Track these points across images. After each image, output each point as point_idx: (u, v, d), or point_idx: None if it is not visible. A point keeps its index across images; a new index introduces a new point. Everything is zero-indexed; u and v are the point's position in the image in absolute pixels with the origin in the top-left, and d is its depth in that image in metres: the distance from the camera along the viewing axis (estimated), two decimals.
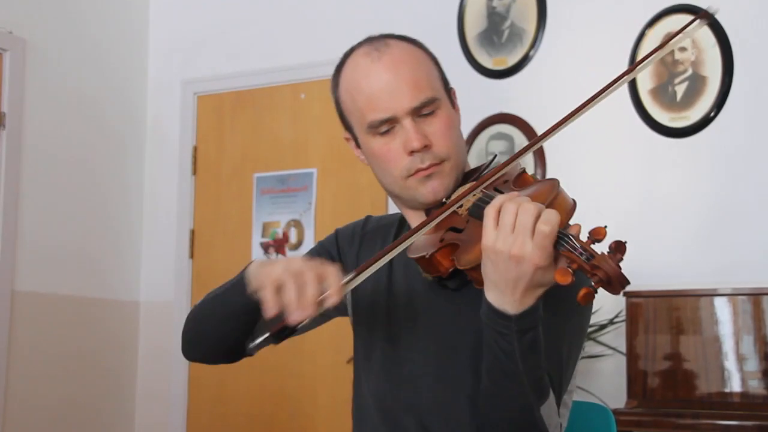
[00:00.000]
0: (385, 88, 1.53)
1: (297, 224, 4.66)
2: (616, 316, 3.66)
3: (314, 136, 4.66)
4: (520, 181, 1.51)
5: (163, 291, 4.91)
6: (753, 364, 3.38)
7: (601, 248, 1.24)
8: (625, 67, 3.93)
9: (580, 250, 1.24)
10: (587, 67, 3.98)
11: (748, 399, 3.35)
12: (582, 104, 1.48)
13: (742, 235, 3.70)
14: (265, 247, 4.72)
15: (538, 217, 1.27)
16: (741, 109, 3.74)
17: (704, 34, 3.80)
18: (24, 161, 4.44)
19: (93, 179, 4.79)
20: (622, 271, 1.20)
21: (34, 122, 4.49)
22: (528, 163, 4.01)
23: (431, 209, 1.59)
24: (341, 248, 1.74)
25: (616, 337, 3.69)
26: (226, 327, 1.59)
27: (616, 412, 3.10)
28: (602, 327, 3.67)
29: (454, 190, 1.57)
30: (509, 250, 1.27)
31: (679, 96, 3.84)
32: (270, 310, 1.31)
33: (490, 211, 1.31)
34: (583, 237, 1.26)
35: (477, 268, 1.36)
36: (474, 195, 1.46)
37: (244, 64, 4.85)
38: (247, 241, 4.76)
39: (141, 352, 4.95)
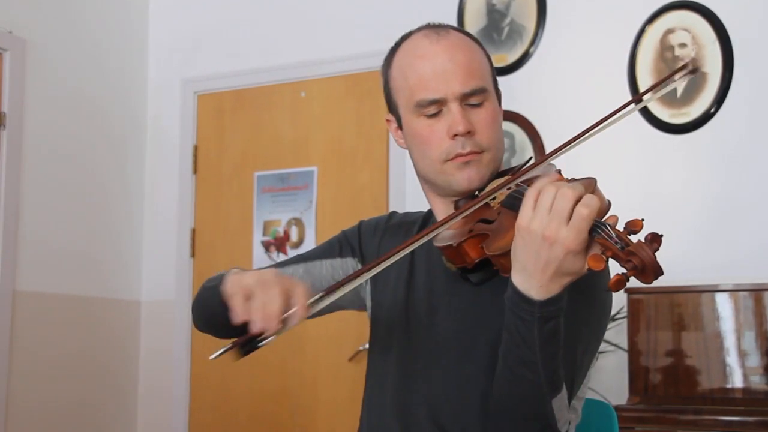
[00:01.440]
0: (439, 69, 1.55)
1: (298, 222, 4.66)
2: (618, 313, 3.66)
3: (315, 135, 4.66)
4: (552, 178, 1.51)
5: (165, 290, 4.91)
6: (754, 360, 3.39)
7: (638, 239, 1.25)
8: (624, 66, 3.94)
9: (616, 238, 1.24)
10: (587, 63, 3.98)
11: (749, 395, 3.35)
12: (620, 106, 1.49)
13: (743, 231, 3.70)
14: (266, 246, 4.72)
15: (577, 201, 1.27)
16: (741, 105, 3.74)
17: (704, 30, 3.80)
18: (24, 161, 4.44)
19: (93, 179, 4.79)
20: (658, 261, 1.21)
21: (34, 122, 4.49)
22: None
23: (460, 202, 1.59)
24: (363, 239, 1.75)
25: (618, 333, 3.69)
26: (214, 318, 1.60)
27: (618, 408, 3.10)
28: None
29: (487, 184, 1.57)
30: (543, 231, 1.27)
31: (679, 92, 3.84)
32: (237, 316, 1.33)
33: (530, 192, 1.31)
34: (620, 228, 1.27)
35: (506, 254, 1.36)
36: (508, 188, 1.47)
37: (244, 63, 4.85)
38: (248, 239, 4.76)
39: (142, 351, 4.95)
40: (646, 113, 3.88)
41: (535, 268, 1.30)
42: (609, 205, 1.36)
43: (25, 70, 4.47)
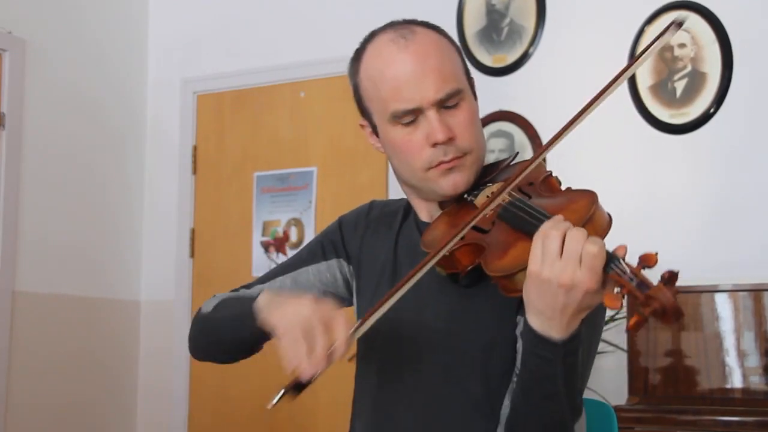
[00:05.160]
0: (411, 78, 1.49)
1: (297, 223, 4.66)
2: (617, 313, 3.66)
3: (314, 135, 4.66)
4: (547, 185, 1.48)
5: (164, 290, 4.91)
6: (754, 360, 3.38)
7: (651, 275, 1.22)
8: (624, 64, 3.93)
9: (630, 275, 1.21)
10: (587, 64, 3.98)
11: (749, 395, 3.35)
12: (597, 95, 1.43)
13: (743, 231, 3.70)
14: (266, 246, 4.72)
15: (584, 242, 1.23)
16: (741, 105, 3.74)
17: (703, 30, 3.80)
18: (24, 161, 4.44)
19: (93, 179, 4.79)
20: (678, 303, 1.18)
21: (34, 122, 4.49)
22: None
23: (446, 203, 1.56)
24: (345, 236, 1.70)
25: (617, 333, 3.69)
26: (234, 347, 1.59)
27: (617, 408, 3.10)
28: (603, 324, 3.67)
29: (474, 184, 1.54)
30: (558, 279, 1.24)
31: (678, 92, 3.84)
32: (289, 366, 1.30)
33: (538, 239, 1.27)
34: (632, 261, 1.24)
35: (509, 277, 1.33)
36: (502, 197, 1.42)
37: (244, 63, 4.85)
38: (247, 239, 4.76)
39: (142, 351, 4.95)
40: (645, 113, 3.88)
41: (553, 313, 1.28)
42: (610, 221, 1.34)
43: (25, 70, 4.46)
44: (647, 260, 1.22)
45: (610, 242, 1.28)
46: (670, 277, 1.19)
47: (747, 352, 3.39)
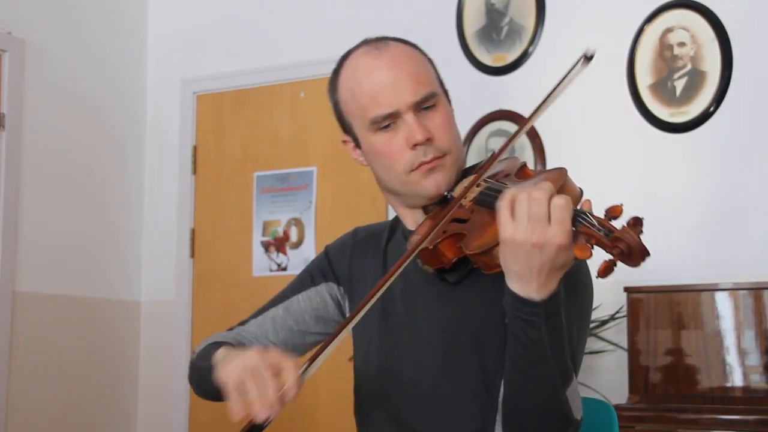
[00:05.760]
0: (387, 83, 1.55)
1: (297, 223, 4.66)
2: (618, 312, 3.66)
3: (314, 135, 4.66)
4: (522, 174, 1.53)
5: (164, 290, 4.91)
6: (754, 359, 3.38)
7: (619, 224, 1.27)
8: (624, 65, 3.94)
9: (598, 225, 1.26)
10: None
11: (749, 393, 3.35)
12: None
13: (743, 230, 3.70)
14: (266, 246, 4.72)
15: (550, 199, 1.29)
16: (740, 104, 3.74)
17: (703, 29, 3.80)
18: (24, 161, 4.44)
19: (93, 179, 4.79)
20: (644, 243, 1.23)
21: (33, 123, 4.49)
22: (528, 160, 4.01)
23: (429, 207, 1.59)
24: (332, 263, 1.75)
25: (618, 332, 3.69)
26: (219, 395, 1.59)
27: (618, 407, 3.10)
28: (603, 323, 3.67)
29: (455, 185, 1.58)
30: (530, 239, 1.29)
31: (678, 91, 3.84)
32: (236, 415, 1.33)
33: (503, 204, 1.33)
34: (599, 215, 1.29)
35: (487, 252, 1.38)
36: (478, 186, 1.48)
37: (244, 63, 4.85)
38: (247, 239, 4.76)
39: (142, 351, 4.95)
40: (645, 112, 3.88)
41: (530, 274, 1.32)
42: (581, 192, 1.38)
43: (25, 70, 4.47)
44: (613, 211, 1.27)
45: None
46: (636, 222, 1.25)
47: (747, 350, 3.40)
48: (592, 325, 3.66)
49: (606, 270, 1.23)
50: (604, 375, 3.77)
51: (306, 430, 4.52)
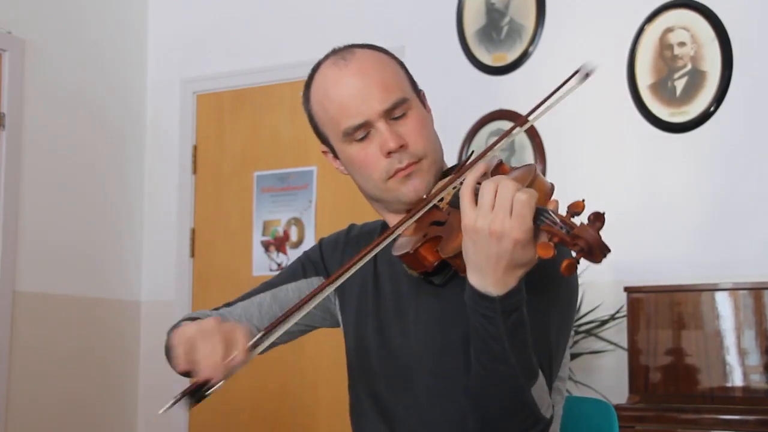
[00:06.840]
0: (355, 93, 1.55)
1: (297, 222, 4.66)
2: (618, 312, 3.66)
3: (314, 134, 4.65)
4: (499, 172, 1.52)
5: (164, 290, 4.91)
6: (754, 359, 3.38)
7: (581, 221, 1.25)
8: (624, 65, 3.94)
9: (560, 224, 1.25)
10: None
11: (749, 393, 3.35)
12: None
13: (743, 230, 3.70)
14: (266, 246, 4.72)
15: (516, 192, 1.28)
16: (741, 104, 3.74)
17: (703, 29, 3.80)
18: (24, 161, 4.44)
19: (93, 179, 4.79)
20: (603, 239, 1.21)
21: (33, 122, 4.49)
22: (528, 159, 4.01)
23: (411, 210, 1.59)
24: (325, 256, 1.76)
25: (618, 332, 3.69)
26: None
27: (617, 407, 3.10)
28: (603, 323, 3.67)
29: (434, 187, 1.58)
30: (489, 227, 1.29)
31: (678, 91, 3.84)
32: (179, 366, 1.39)
33: (465, 191, 1.33)
34: (563, 213, 1.28)
35: (460, 254, 1.37)
36: (454, 187, 1.48)
37: (244, 63, 4.85)
38: (247, 239, 4.76)
39: (142, 351, 4.95)
40: (645, 112, 3.88)
41: (487, 265, 1.32)
42: (552, 188, 1.37)
43: (24, 70, 4.47)
44: (575, 207, 1.25)
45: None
46: (596, 217, 1.22)
47: (747, 350, 3.40)
48: (591, 325, 3.67)
49: (569, 268, 1.21)
50: (604, 375, 3.77)
51: (306, 430, 4.52)
